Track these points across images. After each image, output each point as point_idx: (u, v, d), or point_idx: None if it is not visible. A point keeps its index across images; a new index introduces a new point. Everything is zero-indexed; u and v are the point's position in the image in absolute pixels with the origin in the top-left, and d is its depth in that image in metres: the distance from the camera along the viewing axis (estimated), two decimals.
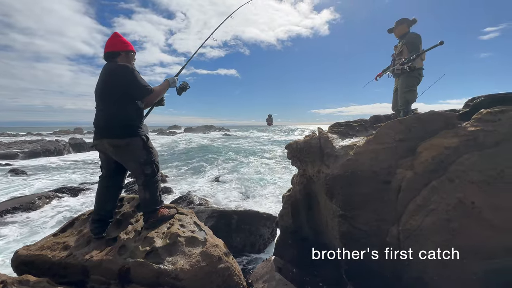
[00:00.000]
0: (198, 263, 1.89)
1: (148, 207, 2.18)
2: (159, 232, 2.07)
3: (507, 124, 2.20)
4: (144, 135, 2.15)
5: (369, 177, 2.56)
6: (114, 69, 2.09)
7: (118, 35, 2.27)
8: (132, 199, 2.54)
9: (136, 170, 2.15)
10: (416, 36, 2.94)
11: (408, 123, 2.60)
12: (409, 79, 3.05)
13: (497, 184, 2.10)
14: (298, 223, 3.71)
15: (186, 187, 10.20)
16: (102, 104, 2.09)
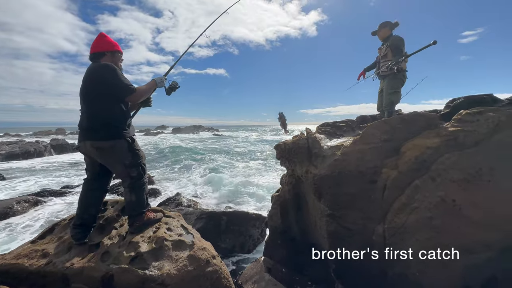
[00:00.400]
0: (186, 267, 1.85)
1: (133, 210, 2.12)
2: (144, 237, 2.01)
3: (485, 125, 2.29)
4: (130, 137, 2.08)
5: (356, 176, 2.61)
6: (95, 68, 2.03)
7: (104, 36, 2.20)
8: (116, 202, 2.46)
9: (121, 172, 2.09)
10: (400, 39, 3.04)
11: (392, 124, 2.66)
12: (395, 81, 3.14)
13: (476, 182, 2.19)
14: (287, 223, 3.73)
15: (174, 189, 10.03)
16: (85, 105, 2.02)
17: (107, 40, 2.18)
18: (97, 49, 2.13)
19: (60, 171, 14.18)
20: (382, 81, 3.27)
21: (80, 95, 2.05)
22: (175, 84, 2.45)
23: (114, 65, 2.06)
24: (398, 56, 3.01)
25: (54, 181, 11.46)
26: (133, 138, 2.13)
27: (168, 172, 13.63)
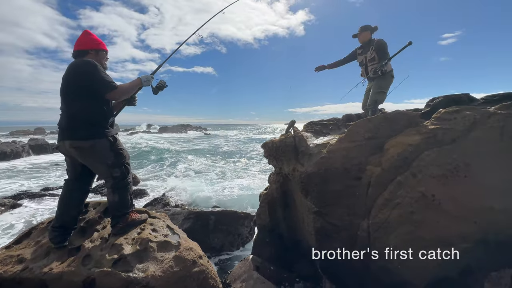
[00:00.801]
0: (171, 268, 1.82)
1: (117, 211, 2.05)
2: (128, 238, 1.96)
3: (462, 123, 2.40)
4: (112, 135, 2.01)
5: (342, 174, 2.66)
6: (75, 65, 1.95)
7: (88, 33, 2.13)
8: (98, 204, 2.38)
9: (103, 173, 2.02)
10: (385, 43, 3.16)
11: (376, 122, 2.73)
12: (383, 81, 3.25)
13: (454, 178, 2.29)
14: (275, 221, 3.75)
15: (161, 189, 9.84)
16: (64, 103, 1.95)
17: (91, 38, 2.10)
18: (80, 47, 2.06)
19: (39, 172, 13.54)
20: (370, 82, 3.36)
21: (60, 93, 1.97)
22: (162, 83, 2.36)
23: (97, 62, 1.99)
24: (383, 59, 3.11)
25: (33, 183, 10.93)
26: (116, 137, 2.06)
27: (154, 172, 13.35)
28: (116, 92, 1.97)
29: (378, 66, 3.14)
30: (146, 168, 14.86)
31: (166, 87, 2.41)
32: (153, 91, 2.34)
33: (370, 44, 3.22)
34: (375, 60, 3.16)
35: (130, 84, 2.14)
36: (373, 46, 3.16)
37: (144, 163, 16.47)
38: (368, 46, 3.24)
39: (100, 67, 1.96)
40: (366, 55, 3.22)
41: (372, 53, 3.17)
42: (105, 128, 1.98)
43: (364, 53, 3.26)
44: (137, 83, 2.16)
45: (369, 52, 3.18)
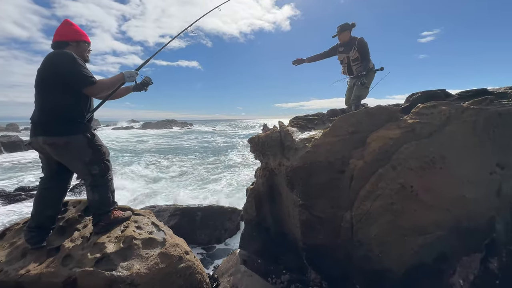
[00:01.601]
0: (157, 265, 1.79)
1: (98, 209, 1.98)
2: (111, 237, 1.91)
3: (438, 117, 2.52)
4: (89, 132, 1.92)
5: (326, 167, 2.72)
6: (52, 56, 1.83)
7: (69, 23, 1.99)
8: (78, 202, 2.29)
9: (81, 170, 1.93)
10: (366, 42, 3.25)
11: (359, 117, 2.81)
12: (367, 77, 3.33)
13: (430, 170, 2.41)
14: (262, 216, 3.79)
15: (146, 186, 9.62)
16: (38, 95, 1.83)
17: (72, 29, 1.98)
18: (60, 38, 1.93)
19: (13, 171, 12.78)
20: (355, 80, 3.43)
21: (35, 85, 1.85)
22: (148, 80, 2.24)
23: (78, 55, 1.88)
24: (365, 60, 3.21)
25: (7, 183, 10.31)
26: (94, 132, 1.97)
27: (141, 168, 13.00)
28: (94, 87, 1.86)
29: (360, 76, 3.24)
30: (131, 163, 14.44)
31: (152, 84, 2.28)
32: (137, 88, 2.24)
33: (352, 43, 3.28)
34: (358, 60, 3.23)
35: (111, 79, 2.01)
36: (355, 46, 3.23)
37: (129, 158, 15.98)
38: (349, 45, 3.30)
39: (79, 60, 1.84)
40: (349, 54, 3.28)
41: (355, 53, 3.24)
42: (81, 124, 1.88)
43: (346, 52, 3.32)
44: (119, 78, 2.03)
45: (351, 52, 3.25)
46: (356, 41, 3.26)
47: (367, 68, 3.23)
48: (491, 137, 2.47)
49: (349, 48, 3.29)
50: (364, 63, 3.21)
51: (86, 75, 1.82)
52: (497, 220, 2.58)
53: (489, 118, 2.47)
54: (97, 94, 1.94)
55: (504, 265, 2.62)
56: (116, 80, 2.03)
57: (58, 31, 1.95)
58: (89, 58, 2.10)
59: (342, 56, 3.38)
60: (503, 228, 2.66)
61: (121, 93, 2.26)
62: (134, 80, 2.14)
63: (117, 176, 10.71)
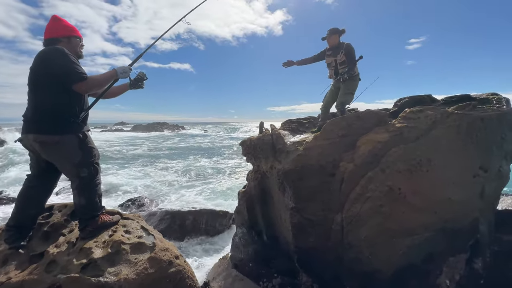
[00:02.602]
0: (146, 270, 1.75)
1: (84, 214, 1.92)
2: (98, 242, 1.85)
3: (424, 122, 2.61)
4: (82, 132, 1.87)
5: (317, 170, 2.75)
6: (42, 52, 1.79)
7: (57, 19, 1.94)
8: (64, 206, 2.21)
9: (69, 172, 1.87)
10: (353, 48, 3.39)
11: (349, 120, 2.87)
12: (353, 83, 3.44)
13: (417, 172, 2.48)
14: (253, 219, 3.78)
15: (136, 189, 9.43)
16: (31, 93, 1.79)
17: (62, 24, 1.92)
18: (51, 35, 1.88)
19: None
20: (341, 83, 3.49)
21: (28, 83, 1.80)
22: (142, 75, 2.15)
23: (70, 51, 1.82)
24: (351, 63, 3.30)
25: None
26: (87, 134, 1.92)
27: (131, 172, 12.74)
28: (85, 83, 1.80)
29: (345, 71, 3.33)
30: (120, 166, 14.13)
31: (146, 79, 2.18)
32: (131, 84, 2.17)
33: (340, 47, 3.38)
34: (345, 63, 3.33)
35: (103, 75, 1.93)
36: (343, 50, 3.32)
37: (119, 161, 15.63)
38: (337, 49, 3.39)
39: (70, 55, 1.80)
40: (336, 58, 3.37)
41: (342, 56, 3.34)
42: (74, 123, 1.84)
43: (334, 56, 3.41)
44: (111, 74, 1.95)
45: (339, 56, 3.34)
46: (344, 45, 3.35)
47: (352, 70, 3.35)
48: (474, 141, 2.56)
49: (337, 52, 3.38)
50: (350, 66, 3.32)
51: (76, 71, 1.77)
52: (480, 221, 2.67)
53: (472, 123, 2.56)
54: (88, 91, 1.89)
55: (488, 265, 2.70)
56: (108, 76, 1.96)
57: (48, 28, 1.90)
58: (82, 54, 2.05)
59: (330, 59, 3.47)
60: (486, 229, 2.76)
61: (116, 91, 2.20)
62: (128, 76, 2.06)
63: (106, 179, 10.46)
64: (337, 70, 3.40)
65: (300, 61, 3.70)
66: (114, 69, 2.00)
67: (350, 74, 3.31)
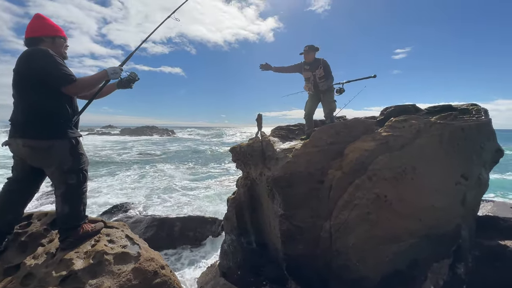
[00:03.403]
0: (129, 282, 1.69)
1: (66, 223, 1.84)
2: (80, 252, 1.77)
3: (409, 131, 2.69)
4: (74, 137, 1.80)
5: (306, 177, 2.77)
6: (27, 54, 1.71)
7: (41, 17, 1.85)
8: (44, 215, 2.11)
9: (57, 178, 1.79)
10: (329, 65, 3.65)
11: (337, 128, 2.92)
12: (332, 93, 3.64)
13: (402, 180, 2.54)
14: (242, 226, 3.75)
15: (122, 196, 9.17)
16: (18, 96, 1.70)
17: (45, 23, 1.85)
18: (33, 34, 1.79)
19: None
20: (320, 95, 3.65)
21: (13, 85, 1.72)
22: (134, 76, 2.10)
23: (54, 52, 1.75)
24: (330, 77, 3.61)
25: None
26: (78, 139, 1.85)
27: (116, 178, 12.39)
28: (74, 86, 1.74)
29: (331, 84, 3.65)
30: (106, 172, 13.72)
31: (138, 80, 2.13)
32: (123, 85, 2.12)
33: (317, 63, 3.59)
34: (324, 78, 3.52)
35: (93, 77, 1.87)
36: (321, 66, 3.51)
37: (104, 167, 15.17)
38: (315, 65, 3.59)
39: (56, 57, 1.74)
40: (315, 73, 3.56)
41: (321, 71, 3.54)
42: (67, 127, 1.77)
43: (312, 71, 3.59)
44: (102, 75, 1.90)
45: (317, 71, 3.58)
46: (321, 61, 3.63)
47: (332, 82, 3.62)
48: (455, 149, 2.67)
49: (315, 67, 3.58)
50: (329, 80, 3.59)
51: (65, 73, 1.71)
52: (462, 227, 2.76)
53: (454, 132, 2.67)
54: (78, 93, 1.82)
55: (470, 270, 2.79)
56: (98, 77, 1.89)
57: (30, 27, 1.82)
58: (67, 55, 1.98)
59: (308, 74, 3.66)
60: (468, 235, 2.85)
61: (105, 91, 2.15)
62: (119, 77, 2.01)
63: (92, 184, 10.13)
64: (316, 83, 3.58)
65: (277, 68, 3.85)
66: (104, 70, 1.94)
67: (329, 85, 3.57)
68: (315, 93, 3.65)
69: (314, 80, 3.60)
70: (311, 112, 3.70)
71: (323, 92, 3.58)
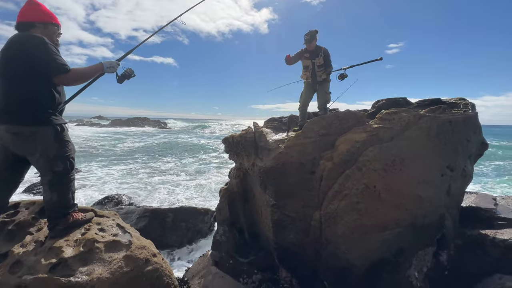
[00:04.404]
0: (121, 269, 1.70)
1: (54, 211, 1.82)
2: (70, 240, 1.76)
3: (399, 123, 2.74)
4: (59, 124, 1.77)
5: (298, 168, 2.81)
6: (19, 39, 1.67)
7: (35, 3, 1.81)
8: (32, 204, 2.08)
9: (42, 165, 1.76)
10: (329, 54, 3.56)
11: (329, 120, 2.95)
12: (328, 84, 3.59)
13: (391, 171, 2.60)
14: (235, 216, 3.79)
15: (113, 186, 9.07)
16: (3, 81, 1.66)
17: (38, 8, 1.80)
18: (26, 18, 1.76)
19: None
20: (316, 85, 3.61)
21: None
22: (130, 72, 2.12)
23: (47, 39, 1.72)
24: (329, 67, 3.55)
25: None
26: (64, 126, 1.82)
27: (108, 168, 12.22)
28: (67, 76, 1.71)
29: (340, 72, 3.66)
30: (96, 162, 13.50)
31: (134, 76, 2.16)
32: (118, 80, 2.12)
33: (318, 51, 3.49)
34: (323, 67, 3.48)
35: (88, 69, 1.85)
36: (321, 54, 3.44)
37: (94, 157, 14.90)
38: (315, 53, 3.50)
39: (51, 45, 1.70)
40: (315, 61, 3.47)
41: (320, 60, 3.47)
42: (52, 114, 1.74)
43: (312, 58, 3.50)
44: (98, 68, 1.90)
45: (317, 59, 3.47)
46: (322, 49, 3.52)
47: (331, 72, 3.58)
48: (442, 142, 2.73)
49: (315, 55, 3.49)
50: (328, 69, 3.53)
51: (59, 63, 1.68)
52: (446, 217, 2.86)
53: (441, 125, 2.73)
54: (70, 84, 1.79)
55: (452, 257, 2.91)
56: (93, 70, 1.88)
57: (23, 11, 1.78)
58: (59, 43, 1.93)
59: (307, 62, 3.57)
60: (451, 224, 2.96)
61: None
62: (115, 72, 2.02)
63: (83, 175, 9.97)
64: (314, 72, 3.53)
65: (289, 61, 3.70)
66: (101, 63, 1.93)
67: (327, 75, 3.54)
68: (312, 83, 3.62)
69: (313, 68, 3.55)
70: (306, 103, 3.69)
71: (319, 83, 3.54)
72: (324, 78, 3.52)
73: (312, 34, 3.46)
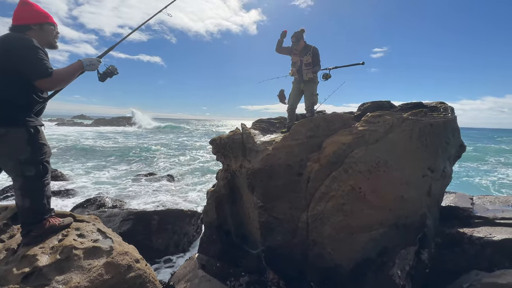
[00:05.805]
0: (101, 277, 1.62)
1: (28, 217, 1.72)
2: (45, 248, 1.67)
3: (383, 126, 2.81)
4: (33, 126, 1.67)
5: (285, 170, 2.81)
6: (9, 41, 1.60)
7: (27, 3, 1.72)
8: (4, 209, 1.96)
9: (12, 170, 1.66)
10: (318, 53, 3.50)
11: (316, 122, 2.98)
12: (315, 85, 3.61)
13: (376, 173, 2.66)
14: (222, 218, 3.74)
15: (95, 188, 8.74)
16: None
17: (33, 9, 1.72)
18: (20, 21, 1.69)
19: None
20: (302, 84, 3.61)
21: None
22: (112, 69, 2.03)
23: (43, 41, 1.69)
24: (317, 65, 3.48)
25: None
26: (38, 128, 1.72)
27: (89, 169, 11.76)
28: (49, 80, 1.62)
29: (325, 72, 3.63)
30: (76, 163, 12.96)
31: (117, 74, 2.07)
32: (100, 78, 2.01)
33: (307, 50, 3.51)
34: (310, 65, 3.49)
35: (68, 69, 1.76)
36: (310, 52, 3.46)
37: (73, 157, 14.30)
38: (305, 51, 3.52)
39: (39, 48, 1.62)
40: (303, 58, 3.50)
41: (309, 57, 3.48)
42: (26, 116, 1.64)
43: (301, 56, 3.53)
44: (77, 67, 1.80)
45: (305, 56, 3.48)
46: (311, 48, 3.53)
47: (317, 71, 3.56)
48: (424, 144, 2.83)
49: (304, 53, 3.51)
50: (315, 67, 3.52)
51: (42, 66, 1.60)
52: (428, 216, 2.96)
53: (423, 128, 2.83)
54: (52, 88, 1.71)
55: (432, 256, 3.02)
56: (73, 70, 1.79)
57: (16, 13, 1.71)
58: (57, 43, 1.86)
59: (295, 58, 3.60)
60: (432, 224, 3.07)
61: None
62: (96, 69, 1.93)
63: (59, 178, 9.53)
64: (300, 70, 3.54)
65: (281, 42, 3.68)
66: (79, 61, 1.84)
67: (313, 73, 3.51)
68: (299, 82, 3.62)
69: (300, 65, 3.57)
70: (294, 105, 3.71)
71: (305, 82, 3.53)
72: (310, 78, 3.50)
73: (297, 35, 3.48)
